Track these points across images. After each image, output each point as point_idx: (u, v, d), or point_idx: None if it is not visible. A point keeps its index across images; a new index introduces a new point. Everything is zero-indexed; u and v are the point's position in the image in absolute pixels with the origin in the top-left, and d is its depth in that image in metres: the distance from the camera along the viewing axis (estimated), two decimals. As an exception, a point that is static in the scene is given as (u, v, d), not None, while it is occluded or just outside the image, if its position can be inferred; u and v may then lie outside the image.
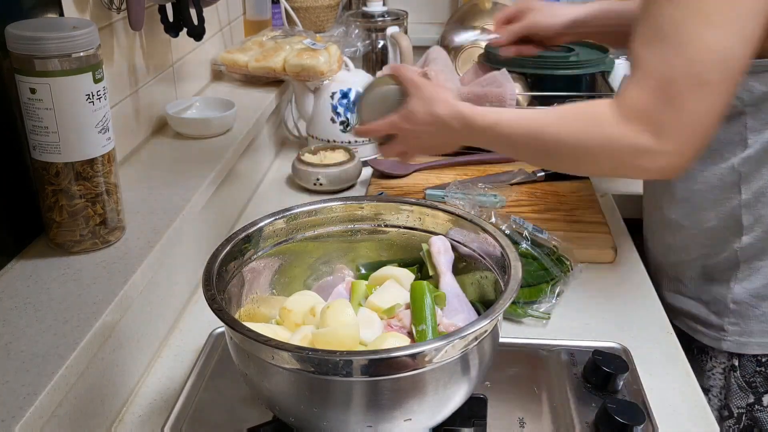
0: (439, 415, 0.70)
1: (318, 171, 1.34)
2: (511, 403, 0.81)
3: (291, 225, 0.84)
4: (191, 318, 1.01)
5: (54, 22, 0.86)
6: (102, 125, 0.82)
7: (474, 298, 0.83)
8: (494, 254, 0.79)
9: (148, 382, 0.88)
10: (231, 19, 1.58)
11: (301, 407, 0.67)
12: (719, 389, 1.03)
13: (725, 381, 1.02)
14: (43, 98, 0.78)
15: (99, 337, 0.74)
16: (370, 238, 0.88)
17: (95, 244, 0.87)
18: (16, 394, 0.64)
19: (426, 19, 2.29)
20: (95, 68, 0.80)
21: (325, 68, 1.40)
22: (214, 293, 0.70)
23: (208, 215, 1.11)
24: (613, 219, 1.25)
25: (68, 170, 0.82)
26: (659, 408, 0.81)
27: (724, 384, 1.02)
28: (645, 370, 0.87)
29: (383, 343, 0.72)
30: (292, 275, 0.86)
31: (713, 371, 1.03)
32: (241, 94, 1.44)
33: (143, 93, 1.16)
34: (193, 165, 1.12)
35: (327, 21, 1.88)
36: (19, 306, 0.76)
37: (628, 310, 1.00)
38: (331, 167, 1.35)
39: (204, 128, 1.23)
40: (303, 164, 1.36)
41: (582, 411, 0.80)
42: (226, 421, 0.79)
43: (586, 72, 1.50)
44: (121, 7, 1.01)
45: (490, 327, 0.68)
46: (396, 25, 1.80)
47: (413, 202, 0.87)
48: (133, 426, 0.82)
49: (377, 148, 1.07)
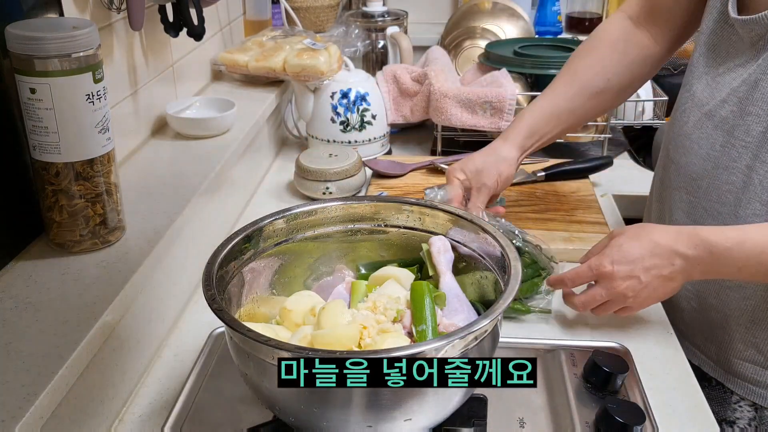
0: (439, 416, 0.70)
1: (327, 183, 1.28)
2: (511, 403, 0.81)
3: (291, 225, 0.84)
4: (191, 318, 1.01)
5: (54, 22, 0.86)
6: (102, 125, 0.82)
7: (474, 298, 0.83)
8: (494, 254, 0.79)
9: (148, 382, 0.88)
10: (231, 19, 1.58)
11: (301, 407, 0.67)
12: (748, 421, 0.96)
13: (756, 413, 0.96)
14: (43, 98, 0.78)
15: (99, 337, 0.74)
16: (370, 238, 0.88)
17: (95, 244, 0.87)
18: (16, 394, 0.64)
19: (426, 19, 2.30)
20: (95, 68, 0.80)
21: (325, 68, 1.40)
22: (214, 293, 0.70)
23: (208, 215, 1.11)
24: (612, 219, 1.26)
25: (68, 170, 0.82)
26: (659, 408, 0.81)
27: (755, 416, 0.96)
28: (645, 370, 0.87)
29: (383, 343, 0.72)
30: (292, 275, 0.86)
31: (740, 403, 0.96)
32: (241, 94, 1.44)
33: (143, 93, 1.16)
34: (193, 165, 1.12)
35: (327, 21, 1.88)
36: (19, 306, 0.76)
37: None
38: (341, 177, 1.28)
39: (204, 128, 1.23)
40: (307, 173, 1.29)
41: (582, 411, 0.80)
42: (226, 421, 0.79)
43: (586, 72, 1.50)
44: (121, 7, 1.01)
45: (490, 327, 0.68)
46: (396, 25, 1.80)
47: (413, 202, 0.87)
48: (133, 426, 0.82)
49: (593, 311, 0.91)
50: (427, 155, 1.54)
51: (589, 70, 1.07)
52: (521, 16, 1.92)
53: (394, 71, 1.49)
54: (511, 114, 1.38)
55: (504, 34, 1.84)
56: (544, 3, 2.24)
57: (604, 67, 1.07)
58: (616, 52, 1.07)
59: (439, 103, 1.40)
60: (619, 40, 1.08)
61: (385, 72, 1.51)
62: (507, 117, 1.38)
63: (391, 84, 1.49)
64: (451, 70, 1.53)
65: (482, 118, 1.39)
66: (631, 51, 1.07)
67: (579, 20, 2.32)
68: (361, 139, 1.47)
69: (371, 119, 1.46)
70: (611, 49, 1.07)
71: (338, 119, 1.45)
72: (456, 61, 1.77)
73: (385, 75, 1.50)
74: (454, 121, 1.40)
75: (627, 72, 1.07)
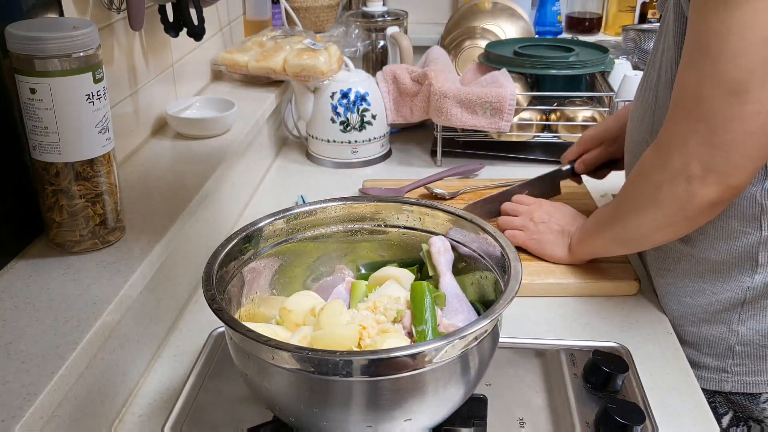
0: (439, 415, 0.70)
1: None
2: (511, 403, 0.81)
3: (291, 225, 0.84)
4: (191, 318, 1.01)
5: (54, 22, 0.86)
6: (102, 125, 0.82)
7: (474, 298, 0.83)
8: (494, 254, 0.79)
9: (148, 382, 0.88)
10: (231, 19, 1.58)
11: (301, 407, 0.67)
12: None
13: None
14: (43, 98, 0.78)
15: (99, 337, 0.74)
16: (370, 238, 0.88)
17: (95, 244, 0.87)
18: (16, 394, 0.64)
19: (426, 19, 2.30)
20: (95, 68, 0.80)
21: (325, 68, 1.40)
22: (214, 293, 0.70)
23: (208, 215, 1.11)
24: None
25: (68, 170, 0.82)
26: (659, 408, 0.81)
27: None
28: (645, 370, 0.87)
29: (383, 343, 0.72)
30: (292, 275, 0.86)
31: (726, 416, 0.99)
32: (241, 94, 1.44)
33: (143, 93, 1.16)
34: (193, 165, 1.12)
35: (327, 21, 1.88)
36: (19, 306, 0.76)
37: (628, 310, 1.00)
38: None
39: (204, 128, 1.23)
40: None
41: (582, 411, 0.80)
42: (226, 421, 0.79)
43: (586, 72, 1.50)
44: (121, 7, 1.01)
45: (490, 327, 0.68)
46: (396, 25, 1.80)
47: (413, 202, 0.87)
48: (133, 426, 0.82)
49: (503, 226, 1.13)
50: (427, 155, 1.54)
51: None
52: (521, 16, 1.92)
53: (394, 71, 1.49)
54: (511, 114, 1.38)
55: (504, 34, 1.84)
56: (544, 3, 2.24)
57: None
58: None
59: (439, 103, 1.40)
60: None
61: (385, 72, 1.51)
62: (507, 117, 1.38)
63: (391, 84, 1.49)
64: (451, 70, 1.53)
65: (482, 118, 1.39)
66: None
67: (579, 20, 2.32)
68: (361, 139, 1.47)
69: (371, 119, 1.46)
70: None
71: (338, 119, 1.45)
72: (456, 61, 1.77)
73: (385, 75, 1.50)
74: (454, 121, 1.40)
75: None
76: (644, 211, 0.87)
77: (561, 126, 1.46)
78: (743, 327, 0.93)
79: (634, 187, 0.90)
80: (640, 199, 0.88)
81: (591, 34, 2.32)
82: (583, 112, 1.44)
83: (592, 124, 1.43)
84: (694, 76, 0.78)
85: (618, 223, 0.94)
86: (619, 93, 1.52)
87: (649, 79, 0.98)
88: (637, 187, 0.89)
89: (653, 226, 0.88)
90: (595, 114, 1.44)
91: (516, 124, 1.45)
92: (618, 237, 0.96)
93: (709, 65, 0.76)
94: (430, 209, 0.86)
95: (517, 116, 1.44)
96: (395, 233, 0.88)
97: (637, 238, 0.93)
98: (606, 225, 0.98)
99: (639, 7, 2.31)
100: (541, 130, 1.48)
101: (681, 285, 0.97)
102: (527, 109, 1.47)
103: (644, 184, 0.87)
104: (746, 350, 0.93)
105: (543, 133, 1.49)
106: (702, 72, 0.77)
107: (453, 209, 0.86)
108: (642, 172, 0.88)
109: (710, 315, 0.95)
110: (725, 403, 0.97)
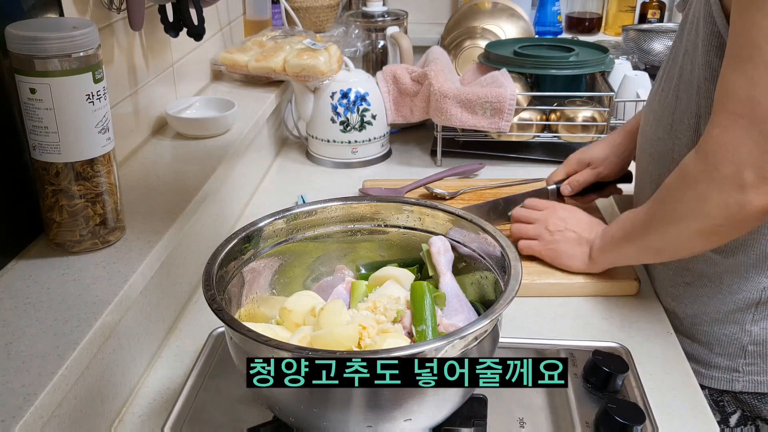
0: (439, 415, 0.70)
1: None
2: (511, 403, 0.81)
3: (291, 225, 0.84)
4: (191, 318, 1.01)
5: (54, 22, 0.86)
6: (102, 125, 0.82)
7: (474, 298, 0.83)
8: (494, 254, 0.79)
9: (148, 382, 0.88)
10: (231, 19, 1.58)
11: (301, 407, 0.67)
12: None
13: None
14: (43, 98, 0.78)
15: (99, 337, 0.74)
16: (370, 238, 0.88)
17: (95, 244, 0.87)
18: (16, 394, 0.64)
19: (426, 19, 2.30)
20: (95, 68, 0.80)
21: (325, 68, 1.40)
22: (214, 293, 0.70)
23: (208, 215, 1.11)
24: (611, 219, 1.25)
25: (68, 170, 0.82)
26: (659, 408, 0.81)
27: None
28: (645, 370, 0.87)
29: (383, 343, 0.72)
30: (292, 275, 0.86)
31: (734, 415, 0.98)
32: (241, 94, 1.44)
33: (143, 93, 1.16)
34: (193, 165, 1.12)
35: (327, 21, 1.88)
36: (19, 306, 0.76)
37: (628, 310, 1.00)
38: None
39: (204, 128, 1.23)
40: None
41: (582, 411, 0.80)
42: (226, 421, 0.79)
43: (586, 72, 1.50)
44: (121, 7, 1.01)
45: (490, 327, 0.68)
46: (396, 25, 1.80)
47: (413, 202, 0.87)
48: (133, 426, 0.82)
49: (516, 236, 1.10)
50: (427, 155, 1.54)
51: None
52: (521, 16, 1.92)
53: (394, 71, 1.49)
54: (511, 114, 1.38)
55: (504, 34, 1.84)
56: (544, 3, 2.25)
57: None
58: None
59: (439, 103, 1.40)
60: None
61: (385, 72, 1.51)
62: (507, 117, 1.38)
63: (391, 84, 1.49)
64: (451, 70, 1.53)
65: (482, 118, 1.39)
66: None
67: (579, 20, 2.33)
68: (361, 139, 1.47)
69: (371, 119, 1.46)
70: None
71: (338, 119, 1.45)
72: (456, 61, 1.77)
73: (385, 75, 1.50)
74: (454, 121, 1.40)
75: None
76: (686, 220, 0.83)
77: (561, 126, 1.46)
78: (756, 327, 0.93)
79: (673, 196, 0.85)
80: (681, 208, 0.83)
81: (591, 34, 2.32)
82: (583, 112, 1.44)
83: (593, 124, 1.43)
84: (742, 79, 0.75)
85: (654, 232, 0.89)
86: (619, 93, 1.52)
87: (668, 79, 0.96)
88: (679, 195, 0.84)
89: (695, 236, 0.84)
90: (595, 114, 1.44)
91: (516, 124, 1.45)
92: (652, 246, 0.92)
93: (761, 68, 0.74)
94: (430, 209, 0.86)
95: (517, 116, 1.44)
96: (395, 233, 0.88)
97: (675, 248, 0.89)
98: (638, 234, 0.93)
99: (639, 7, 2.32)
100: (541, 130, 1.48)
101: (699, 284, 0.96)
102: (527, 109, 1.46)
103: (687, 192, 0.82)
104: (759, 350, 0.93)
105: (543, 133, 1.49)
106: (752, 75, 0.74)
107: (453, 209, 0.86)
108: (684, 180, 0.83)
109: (724, 315, 0.94)
110: (734, 402, 0.97)
